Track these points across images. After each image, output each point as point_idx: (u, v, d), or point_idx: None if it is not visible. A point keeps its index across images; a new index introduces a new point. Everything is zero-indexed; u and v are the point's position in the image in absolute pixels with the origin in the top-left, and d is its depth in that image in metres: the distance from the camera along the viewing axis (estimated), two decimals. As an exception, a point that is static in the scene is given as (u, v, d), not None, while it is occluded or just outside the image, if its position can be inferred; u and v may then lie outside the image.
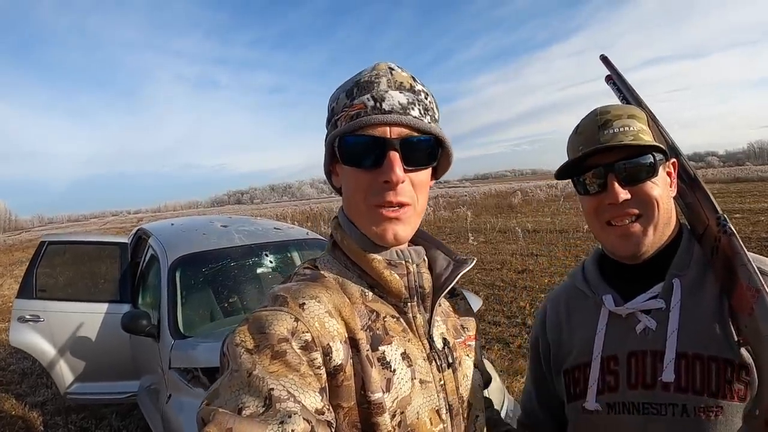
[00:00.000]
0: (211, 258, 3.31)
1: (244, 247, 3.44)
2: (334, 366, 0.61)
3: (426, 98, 0.72)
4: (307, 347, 0.59)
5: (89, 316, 3.58)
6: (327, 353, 0.61)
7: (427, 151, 0.71)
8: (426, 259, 0.79)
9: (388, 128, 0.66)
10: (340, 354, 0.62)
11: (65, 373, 3.63)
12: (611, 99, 1.07)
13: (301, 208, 40.02)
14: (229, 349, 0.58)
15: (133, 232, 4.41)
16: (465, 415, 0.76)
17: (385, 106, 0.66)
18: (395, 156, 0.66)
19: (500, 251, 10.58)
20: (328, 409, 0.57)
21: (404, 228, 0.71)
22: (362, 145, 0.67)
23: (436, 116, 0.74)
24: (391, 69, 0.71)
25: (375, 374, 0.64)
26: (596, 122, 0.91)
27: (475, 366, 0.83)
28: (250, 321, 0.60)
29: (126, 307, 3.53)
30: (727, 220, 0.86)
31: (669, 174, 0.93)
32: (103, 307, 3.59)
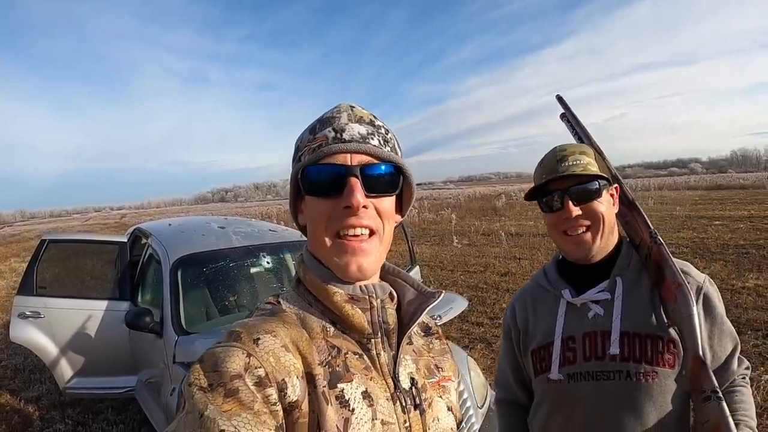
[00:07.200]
0: (211, 258, 3.43)
1: (241, 248, 3.57)
2: (290, 402, 0.60)
3: (386, 133, 0.74)
4: (260, 383, 0.58)
5: (89, 313, 3.67)
6: (282, 389, 0.59)
7: (388, 178, 0.71)
8: (395, 294, 0.78)
9: (348, 156, 0.68)
10: (296, 390, 0.61)
11: (64, 368, 3.72)
12: (600, 103, 1.26)
13: (285, 207, 39.77)
14: (184, 389, 0.57)
15: (130, 231, 4.48)
16: None
17: (346, 136, 0.69)
18: (355, 182, 0.67)
19: (484, 254, 10.78)
20: None
21: (368, 260, 0.69)
22: (324, 173, 0.68)
23: (397, 149, 0.75)
24: (352, 107, 0.73)
25: (331, 412, 0.62)
26: (555, 157, 1.17)
27: (449, 408, 0.79)
28: (204, 359, 0.59)
29: (125, 305, 3.64)
30: (657, 233, 1.16)
31: (612, 195, 1.20)
32: (103, 304, 3.69)
